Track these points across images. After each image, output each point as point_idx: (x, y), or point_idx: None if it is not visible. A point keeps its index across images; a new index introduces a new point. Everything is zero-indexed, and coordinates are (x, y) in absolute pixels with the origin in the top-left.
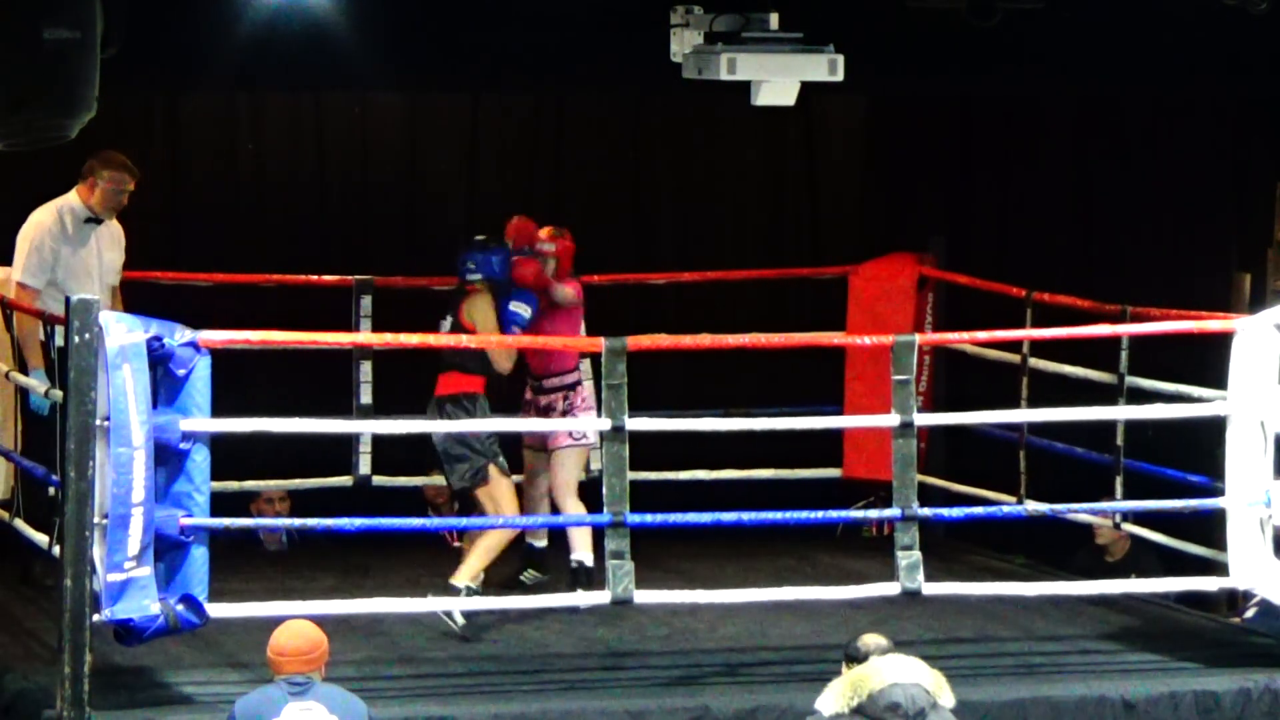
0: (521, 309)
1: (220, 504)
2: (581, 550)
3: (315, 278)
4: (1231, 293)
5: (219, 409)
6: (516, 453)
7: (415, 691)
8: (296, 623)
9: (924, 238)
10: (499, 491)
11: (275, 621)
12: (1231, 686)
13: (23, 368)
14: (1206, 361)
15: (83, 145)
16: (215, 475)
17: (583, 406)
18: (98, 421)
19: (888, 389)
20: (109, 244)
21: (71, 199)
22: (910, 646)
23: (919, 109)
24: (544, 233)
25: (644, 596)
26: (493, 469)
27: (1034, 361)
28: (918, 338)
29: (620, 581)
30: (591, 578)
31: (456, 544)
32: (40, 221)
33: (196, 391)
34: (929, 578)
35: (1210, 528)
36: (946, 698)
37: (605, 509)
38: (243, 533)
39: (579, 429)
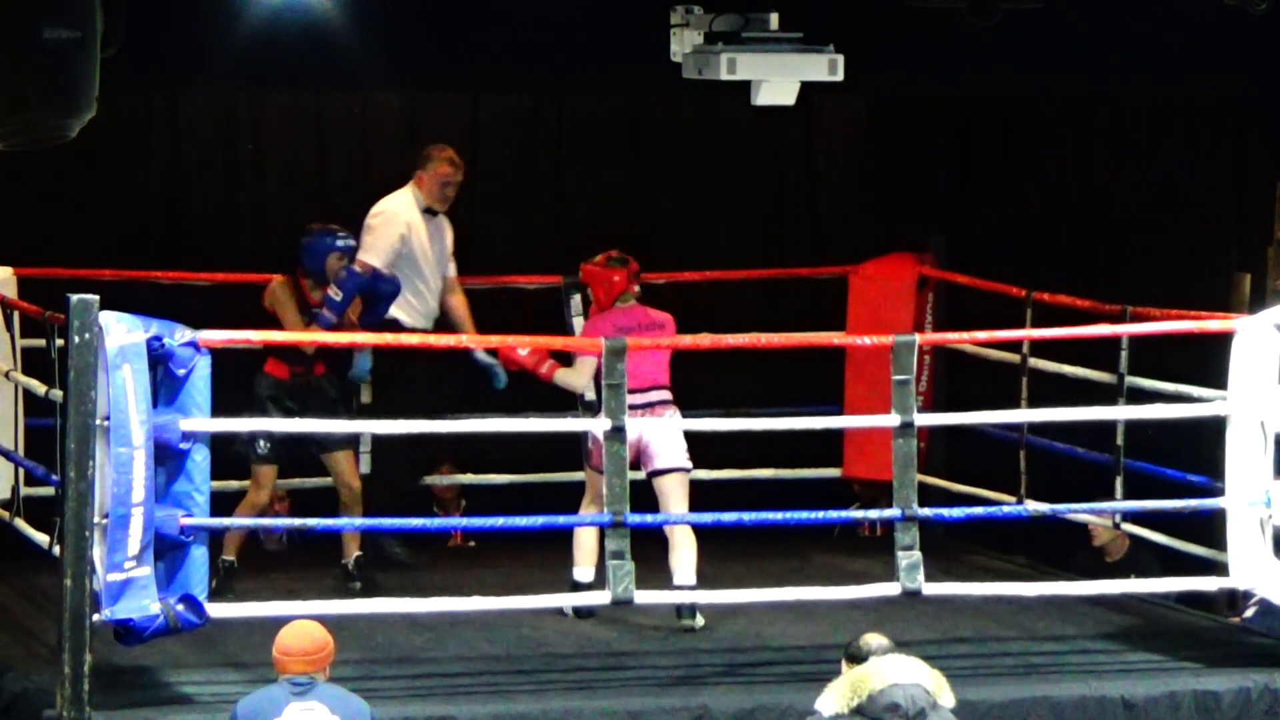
0: (334, 293)
1: (220, 504)
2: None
3: None
4: (1231, 293)
5: (219, 409)
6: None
7: (415, 691)
8: (302, 623)
9: (924, 238)
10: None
11: (275, 621)
12: (1231, 686)
13: (26, 369)
14: (1206, 361)
15: (83, 145)
16: (215, 475)
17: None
18: (98, 421)
19: (888, 389)
20: (443, 234)
21: (412, 191)
22: (910, 646)
23: (919, 109)
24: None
25: (644, 596)
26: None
27: (1034, 361)
28: (918, 338)
29: (620, 581)
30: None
31: (471, 543)
32: (393, 210)
33: (196, 391)
34: (929, 578)
35: (1210, 528)
36: (946, 698)
37: (605, 509)
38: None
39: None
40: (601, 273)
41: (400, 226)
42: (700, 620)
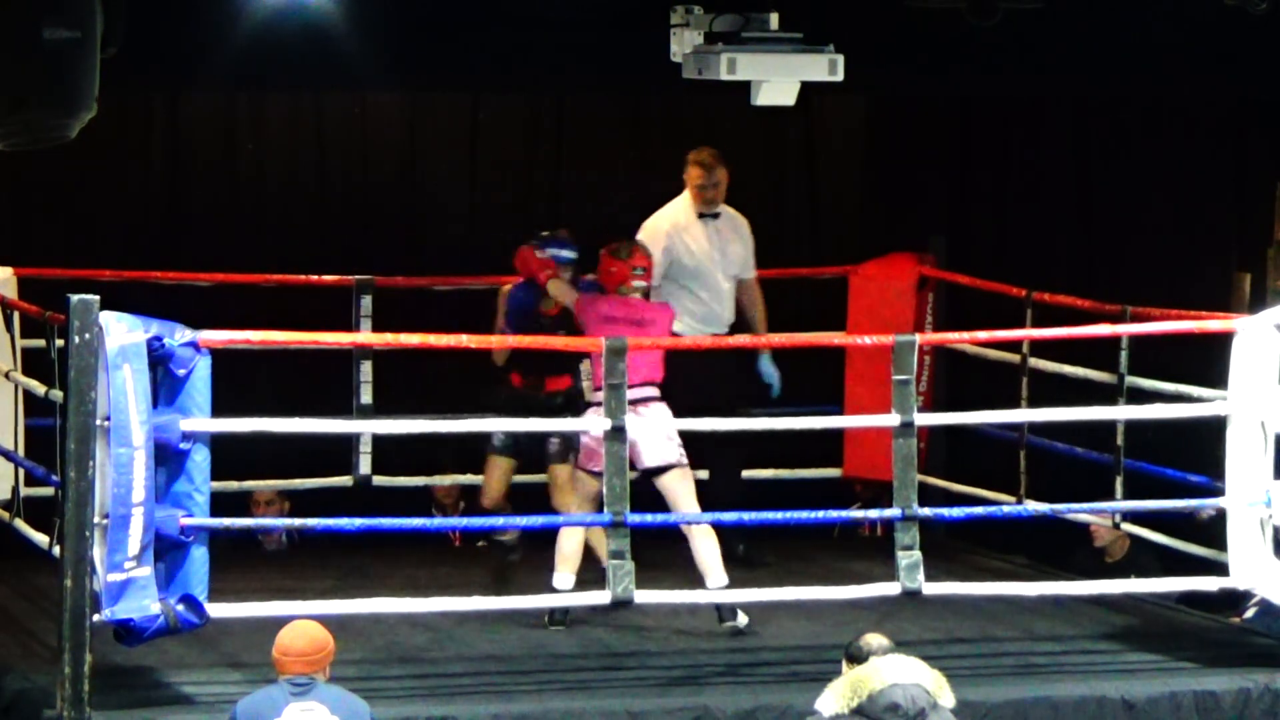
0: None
1: (220, 504)
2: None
3: (315, 278)
4: (1231, 293)
5: (219, 409)
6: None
7: (415, 691)
8: (302, 623)
9: (924, 238)
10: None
11: (275, 621)
12: (1231, 686)
13: (26, 369)
14: (1206, 361)
15: (83, 145)
16: (215, 475)
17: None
18: (98, 421)
19: (888, 389)
20: (729, 236)
21: (685, 198)
22: (910, 646)
23: (919, 109)
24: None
25: (644, 596)
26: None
27: (1034, 361)
28: (918, 338)
29: (620, 581)
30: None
31: (480, 544)
32: (654, 224)
33: (196, 391)
34: (929, 578)
35: (1210, 528)
36: (946, 698)
37: (605, 509)
38: (243, 533)
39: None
40: (604, 260)
41: (661, 240)
42: (744, 618)
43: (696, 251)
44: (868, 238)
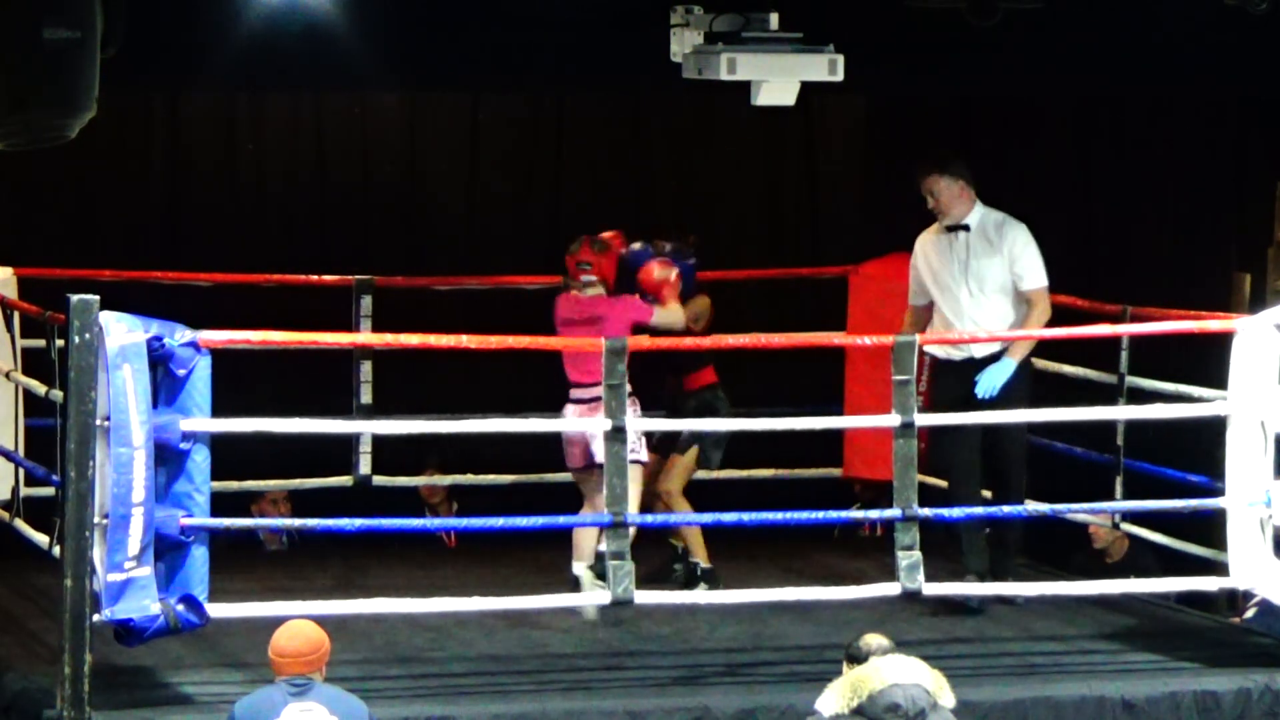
0: None
1: (220, 504)
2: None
3: (315, 278)
4: (1231, 293)
5: (219, 409)
6: None
7: (415, 691)
8: (297, 623)
9: None
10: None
11: (275, 621)
12: (1231, 686)
13: (26, 369)
14: (1206, 361)
15: (83, 145)
16: (215, 475)
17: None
18: (98, 421)
19: (888, 389)
20: (981, 248)
21: None
22: (910, 646)
23: (919, 109)
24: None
25: (644, 596)
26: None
27: (1034, 361)
28: (917, 337)
29: (620, 581)
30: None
31: (450, 544)
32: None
33: (196, 391)
34: (929, 578)
35: (1210, 528)
36: (946, 698)
37: (605, 508)
38: (243, 533)
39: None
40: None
41: (914, 256)
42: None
43: (924, 266)
44: (868, 238)
